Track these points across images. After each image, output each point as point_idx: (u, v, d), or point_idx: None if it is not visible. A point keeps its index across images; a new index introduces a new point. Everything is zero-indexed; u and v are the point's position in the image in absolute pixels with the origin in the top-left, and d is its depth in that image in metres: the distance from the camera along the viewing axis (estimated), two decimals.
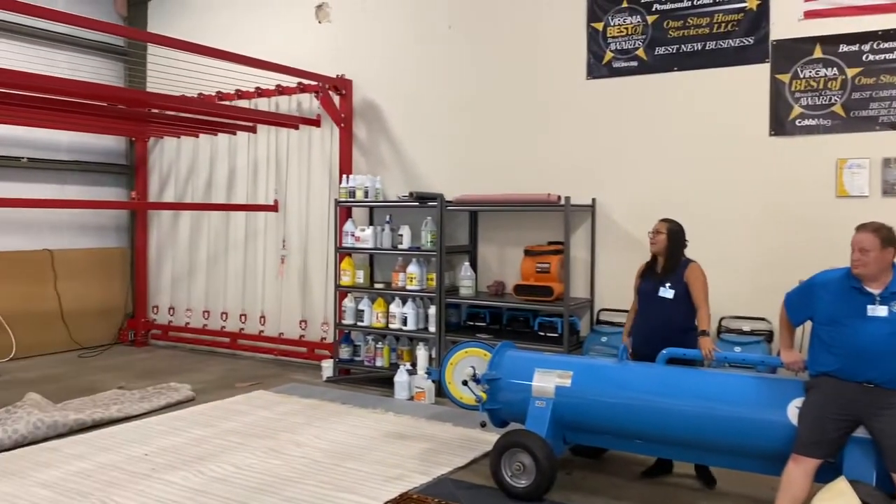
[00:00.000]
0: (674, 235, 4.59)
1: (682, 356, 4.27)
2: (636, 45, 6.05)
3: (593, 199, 6.27)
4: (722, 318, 5.63)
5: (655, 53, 5.97)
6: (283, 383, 6.91)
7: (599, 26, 6.20)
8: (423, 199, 6.56)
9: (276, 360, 7.94)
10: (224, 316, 8.42)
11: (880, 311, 3.45)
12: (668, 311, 4.52)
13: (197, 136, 8.56)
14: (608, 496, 4.26)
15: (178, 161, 8.90)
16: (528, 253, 6.36)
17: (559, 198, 5.99)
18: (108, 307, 8.86)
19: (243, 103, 8.02)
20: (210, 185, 8.61)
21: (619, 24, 6.11)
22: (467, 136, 6.87)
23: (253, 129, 8.08)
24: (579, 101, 6.32)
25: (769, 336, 5.37)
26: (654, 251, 4.64)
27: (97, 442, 5.12)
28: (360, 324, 6.96)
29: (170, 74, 7.32)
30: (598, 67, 6.22)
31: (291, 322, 7.92)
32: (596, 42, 6.21)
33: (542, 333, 6.21)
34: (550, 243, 6.35)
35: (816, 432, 3.47)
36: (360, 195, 6.98)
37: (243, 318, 8.27)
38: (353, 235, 6.97)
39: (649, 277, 4.68)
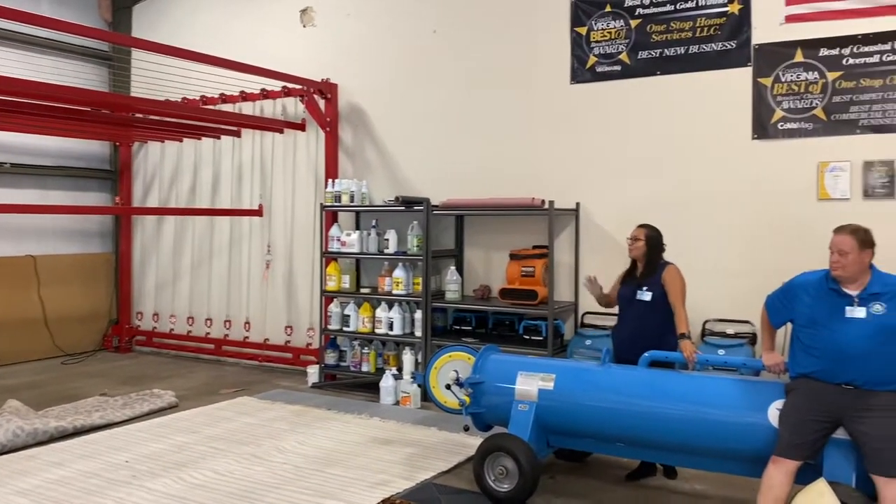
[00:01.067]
0: (652, 241, 4.65)
1: (664, 359, 4.28)
2: (619, 50, 6.07)
3: (577, 204, 6.28)
4: (706, 322, 5.64)
5: (639, 57, 5.99)
6: (267, 389, 6.88)
7: (583, 31, 6.21)
8: (409, 203, 6.55)
9: (261, 367, 7.89)
10: (208, 322, 8.38)
11: (858, 312, 3.46)
12: (646, 314, 4.55)
13: (181, 141, 8.53)
14: (591, 500, 4.25)
15: (162, 166, 8.86)
16: (513, 257, 6.36)
17: (543, 202, 6.00)
18: (92, 313, 8.79)
19: (228, 107, 7.99)
20: (194, 189, 8.57)
21: (602, 29, 6.13)
22: (453, 140, 6.87)
23: (237, 134, 8.05)
24: (563, 105, 6.33)
25: (753, 339, 5.39)
26: (633, 257, 4.71)
27: (78, 449, 5.07)
28: (346, 329, 6.93)
29: (154, 79, 7.30)
30: (582, 72, 6.23)
31: (277, 328, 7.89)
32: (580, 46, 6.23)
33: (526, 337, 6.21)
34: (535, 247, 6.36)
35: (796, 434, 3.47)
36: (345, 199, 6.96)
37: (228, 324, 8.23)
38: (338, 240, 6.95)
39: (628, 282, 4.74)
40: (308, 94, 7.25)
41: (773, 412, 3.67)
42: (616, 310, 4.90)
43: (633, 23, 6.00)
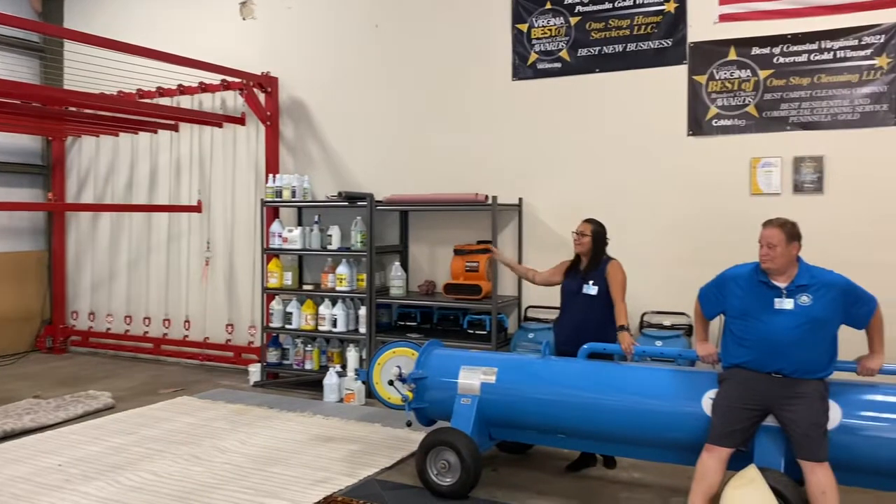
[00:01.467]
0: (597, 236, 4.71)
1: (602, 350, 4.35)
2: (560, 47, 6.13)
3: (520, 199, 6.33)
4: (644, 314, 5.76)
5: (578, 55, 6.07)
6: (208, 389, 6.76)
7: (524, 27, 6.26)
8: (352, 198, 6.51)
9: (201, 366, 7.75)
10: (147, 321, 8.18)
11: (787, 304, 3.57)
12: (590, 307, 4.62)
13: (117, 135, 8.29)
14: (533, 491, 4.30)
15: (97, 161, 8.60)
16: (457, 252, 6.38)
17: (487, 197, 6.03)
18: (24, 313, 8.49)
19: (165, 101, 7.80)
20: (131, 185, 8.35)
21: (542, 26, 6.18)
22: (396, 135, 6.85)
23: (175, 128, 7.87)
24: (505, 101, 6.37)
25: (689, 330, 5.52)
26: (579, 251, 4.75)
27: (7, 454, 4.89)
28: (288, 326, 6.86)
29: (88, 72, 7.07)
30: (524, 69, 6.28)
31: (217, 326, 7.75)
32: (521, 43, 6.28)
33: (471, 331, 6.25)
34: (479, 242, 6.39)
35: (728, 422, 3.57)
36: (287, 195, 6.88)
37: (167, 322, 8.05)
38: (280, 236, 6.86)
39: (573, 275, 4.78)
40: (248, 88, 7.13)
41: (707, 401, 3.77)
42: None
43: (573, 20, 6.07)
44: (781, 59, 5.42)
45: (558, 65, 6.14)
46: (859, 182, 5.20)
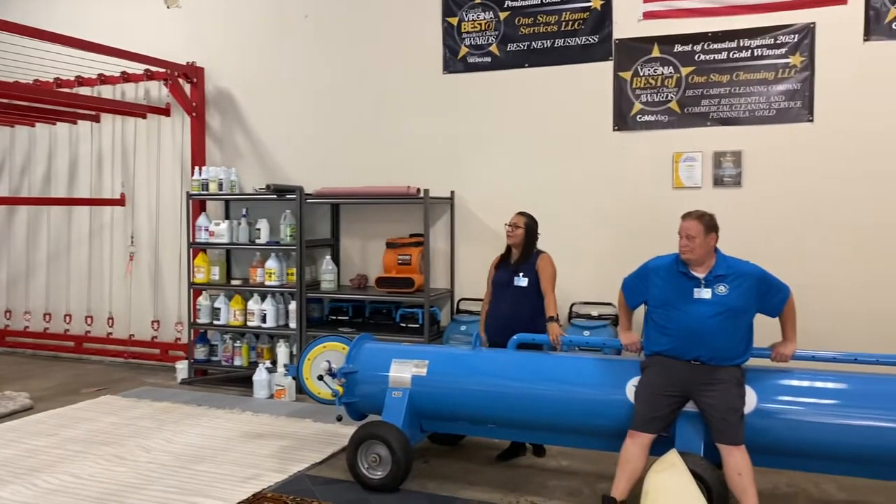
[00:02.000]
0: (529, 229, 4.79)
1: (531, 341, 4.42)
2: (490, 41, 6.17)
3: (452, 192, 6.35)
4: (572, 304, 5.87)
5: (508, 49, 6.12)
6: (133, 387, 6.57)
7: (454, 21, 6.28)
8: (281, 191, 6.41)
9: (126, 364, 7.53)
10: (68, 318, 7.90)
11: (705, 293, 3.70)
12: (521, 299, 4.70)
13: (33, 125, 7.95)
14: (463, 482, 4.34)
15: (12, 152, 8.23)
16: (389, 245, 6.37)
17: (419, 190, 6.03)
18: None
19: (85, 91, 7.52)
20: (49, 177, 8.02)
21: (473, 20, 6.21)
22: (327, 127, 6.78)
23: (96, 119, 7.60)
24: (436, 94, 6.38)
25: (615, 320, 5.65)
26: (512, 244, 4.81)
27: None
28: (216, 322, 6.72)
29: (1, 59, 6.74)
30: (454, 62, 6.30)
31: (142, 323, 7.54)
32: (451, 37, 6.29)
33: (403, 325, 6.24)
34: (412, 235, 6.39)
35: (650, 409, 3.68)
36: (213, 188, 6.73)
37: (89, 319, 7.78)
38: (206, 230, 6.71)
39: (504, 268, 4.84)
40: (172, 78, 6.93)
41: (630, 389, 3.87)
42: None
43: (503, 15, 6.12)
44: (702, 57, 5.59)
45: (488, 59, 6.19)
46: (775, 176, 5.41)
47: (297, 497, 4.08)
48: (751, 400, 3.70)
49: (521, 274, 4.72)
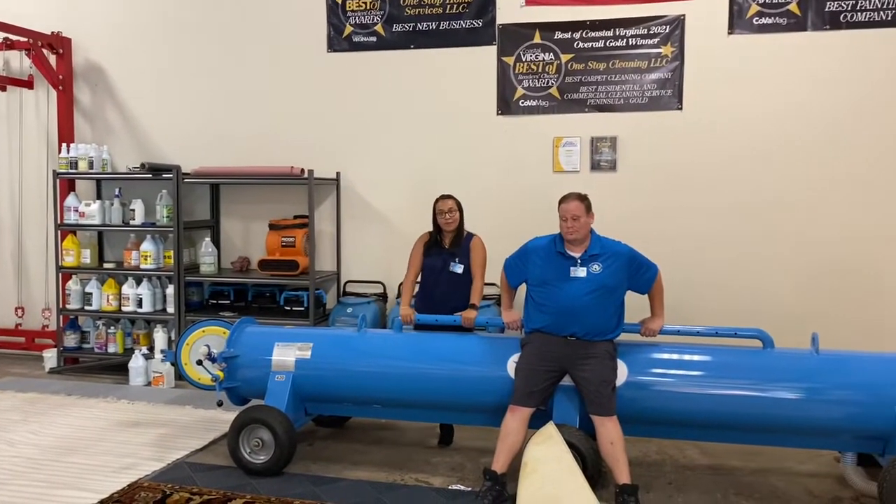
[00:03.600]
0: (462, 211, 4.67)
1: (433, 322, 4.43)
2: (375, 21, 6.13)
3: (338, 173, 6.29)
4: None
5: (393, 30, 6.10)
6: None
7: None
8: (156, 170, 6.14)
9: None
10: None
11: (580, 272, 3.86)
12: (458, 285, 4.56)
13: None
14: (348, 462, 4.35)
15: None
16: (272, 227, 6.24)
17: (303, 171, 5.93)
18: None
19: None
20: None
21: None
22: (207, 105, 6.53)
23: None
24: (321, 73, 6.27)
25: (497, 300, 5.78)
26: (450, 229, 4.61)
27: None
28: (88, 308, 6.39)
29: None
30: (339, 41, 6.22)
31: (5, 310, 7.05)
32: (336, 15, 6.20)
33: (288, 308, 6.16)
34: (296, 217, 6.29)
35: (529, 383, 3.81)
36: (83, 166, 6.36)
37: None
38: (76, 211, 6.34)
39: (437, 252, 4.64)
40: (35, 49, 6.48)
41: (511, 365, 4.00)
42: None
43: None
44: (581, 45, 5.77)
45: (374, 39, 6.14)
46: (647, 161, 5.69)
47: (176, 485, 3.96)
48: (622, 373, 3.90)
49: (456, 259, 4.56)
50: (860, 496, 3.88)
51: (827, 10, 5.33)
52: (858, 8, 5.30)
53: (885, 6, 5.26)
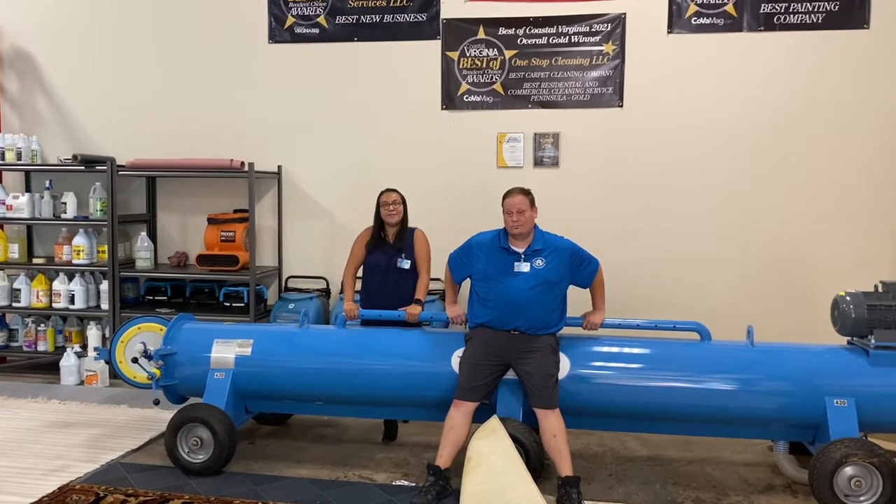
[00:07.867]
0: (406, 205, 4.61)
1: (377, 317, 4.38)
2: (318, 12, 6.04)
3: (279, 167, 6.19)
4: None
5: (336, 22, 6.02)
6: None
7: None
8: (89, 162, 5.94)
9: None
10: None
11: (524, 267, 3.88)
12: (405, 282, 4.50)
13: None
14: (290, 460, 4.28)
15: None
16: (211, 221, 6.10)
17: (243, 164, 5.81)
18: None
19: None
20: None
21: None
22: (144, 96, 6.33)
23: None
24: (262, 65, 6.15)
25: (442, 295, 5.78)
26: (394, 222, 4.55)
27: None
28: (16, 305, 6.13)
29: None
30: (281, 32, 6.11)
31: None
32: (277, 5, 6.09)
33: (228, 304, 6.04)
34: (236, 211, 6.17)
35: (472, 378, 3.82)
36: (10, 157, 6.10)
37: None
38: (3, 204, 6.08)
39: (381, 248, 4.56)
40: None
41: (455, 360, 3.99)
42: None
43: None
44: (525, 41, 5.80)
45: (316, 30, 6.05)
46: (588, 157, 5.75)
47: (111, 486, 3.84)
48: (565, 366, 3.94)
49: (402, 255, 4.50)
50: (792, 483, 4.01)
51: (762, 11, 5.49)
52: (791, 10, 5.47)
53: (815, 10, 5.44)
